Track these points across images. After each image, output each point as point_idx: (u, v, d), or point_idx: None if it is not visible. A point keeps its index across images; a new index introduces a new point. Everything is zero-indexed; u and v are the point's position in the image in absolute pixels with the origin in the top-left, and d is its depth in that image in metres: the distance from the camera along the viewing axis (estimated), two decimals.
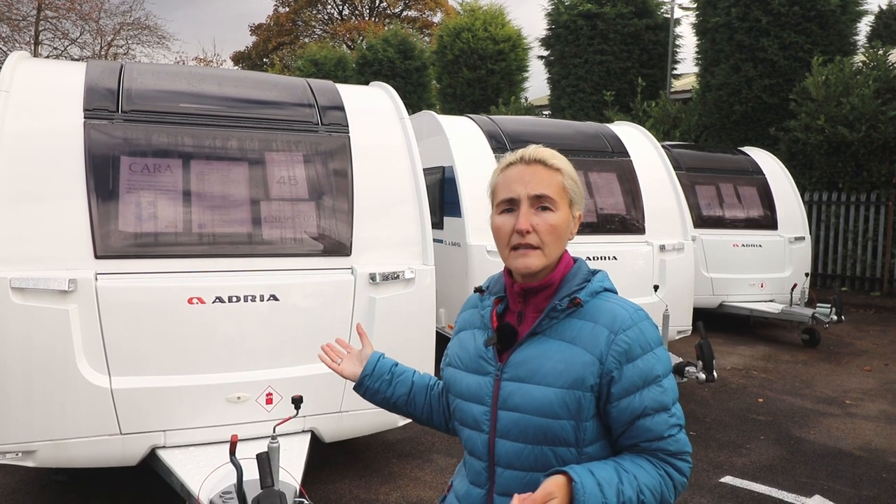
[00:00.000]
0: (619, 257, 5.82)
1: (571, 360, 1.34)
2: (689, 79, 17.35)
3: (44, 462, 3.18)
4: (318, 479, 4.00)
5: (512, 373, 1.39)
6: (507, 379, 1.40)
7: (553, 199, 1.38)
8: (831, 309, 7.53)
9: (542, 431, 1.34)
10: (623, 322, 1.35)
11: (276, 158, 3.80)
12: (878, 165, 10.84)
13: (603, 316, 1.37)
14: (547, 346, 1.38)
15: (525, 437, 1.36)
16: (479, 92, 18.45)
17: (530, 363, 1.38)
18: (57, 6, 24.01)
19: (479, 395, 1.43)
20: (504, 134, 6.15)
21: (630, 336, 1.34)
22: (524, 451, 1.37)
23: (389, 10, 36.60)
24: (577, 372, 1.33)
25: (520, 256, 1.38)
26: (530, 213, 1.38)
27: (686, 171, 8.50)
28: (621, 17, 15.35)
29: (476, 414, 1.43)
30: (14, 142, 3.28)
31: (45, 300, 3.09)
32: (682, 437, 1.36)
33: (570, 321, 1.39)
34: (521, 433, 1.37)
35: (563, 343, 1.37)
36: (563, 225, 1.40)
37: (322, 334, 3.63)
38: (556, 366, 1.35)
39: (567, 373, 1.34)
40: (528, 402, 1.36)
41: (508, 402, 1.38)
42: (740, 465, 4.42)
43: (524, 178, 1.39)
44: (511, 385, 1.39)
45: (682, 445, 1.35)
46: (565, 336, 1.38)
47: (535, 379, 1.36)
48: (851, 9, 12.52)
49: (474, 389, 1.44)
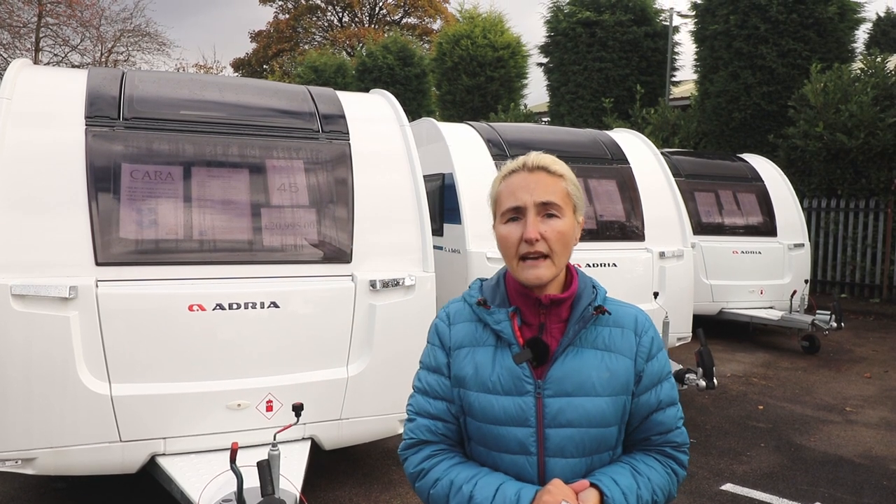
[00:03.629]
0: (618, 264, 5.82)
1: (614, 367, 1.38)
2: (687, 86, 17.41)
3: (43, 469, 3.17)
4: (318, 487, 3.99)
5: (555, 388, 1.35)
6: (550, 395, 1.35)
7: (559, 205, 1.37)
8: (831, 316, 7.52)
9: (597, 442, 1.36)
10: (643, 324, 1.45)
11: (276, 166, 3.80)
12: (877, 172, 10.86)
13: (626, 320, 1.43)
14: (585, 356, 1.37)
15: (583, 450, 1.36)
16: (479, 99, 18.49)
17: (574, 376, 1.35)
18: (58, 13, 24.05)
19: (521, 416, 1.35)
20: (504, 141, 6.16)
21: (650, 335, 1.44)
22: (578, 466, 1.36)
23: (389, 17, 36.72)
24: (621, 377, 1.38)
25: (530, 268, 1.35)
26: (538, 221, 1.36)
27: (685, 177, 8.51)
28: (620, 24, 15.40)
29: (520, 437, 1.35)
30: (15, 149, 3.28)
31: (45, 307, 3.09)
32: (685, 429, 1.48)
33: (595, 329, 1.40)
34: (577, 448, 1.35)
35: (599, 351, 1.38)
36: (570, 231, 1.39)
37: (322, 341, 3.64)
38: (601, 375, 1.36)
39: (613, 380, 1.37)
40: (582, 415, 1.34)
41: (559, 419, 1.34)
42: (741, 472, 4.41)
43: (529, 186, 1.37)
44: (559, 401, 1.34)
45: (685, 437, 1.47)
46: (598, 344, 1.39)
47: (584, 391, 1.35)
48: (849, 16, 12.56)
49: (513, 412, 1.35)
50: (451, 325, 1.47)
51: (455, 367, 1.43)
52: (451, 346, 1.45)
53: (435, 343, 1.48)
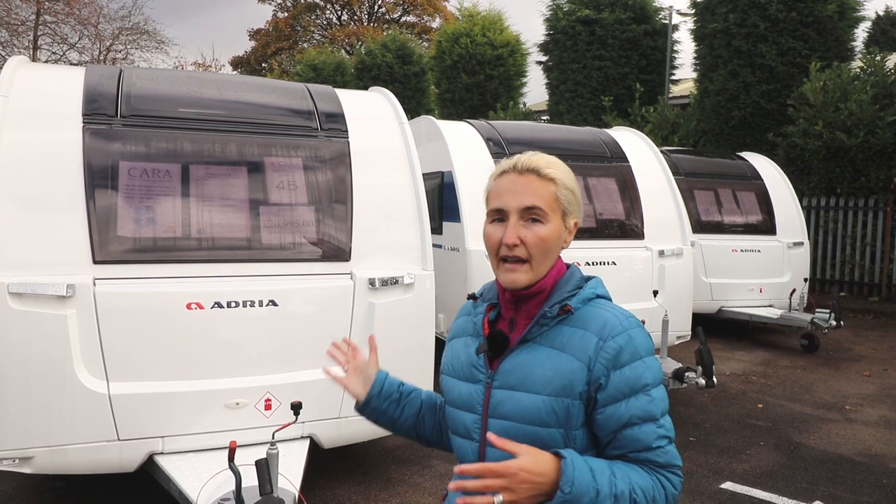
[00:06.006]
0: (617, 262, 5.82)
1: (560, 368, 1.32)
2: (687, 84, 17.39)
3: (41, 469, 3.16)
4: (316, 486, 3.99)
5: (502, 380, 1.38)
6: (497, 387, 1.38)
7: (544, 210, 1.35)
8: (830, 314, 7.53)
9: (530, 440, 1.30)
10: (613, 328, 1.32)
11: (275, 164, 3.79)
12: (876, 171, 10.86)
13: (593, 323, 1.35)
14: (537, 354, 1.36)
15: None
16: (478, 97, 18.47)
17: (520, 371, 1.36)
18: (56, 11, 24.02)
19: (470, 403, 1.42)
20: (503, 139, 6.15)
21: (618, 342, 1.31)
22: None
23: (388, 16, 36.68)
24: (565, 379, 1.31)
25: (507, 271, 1.36)
26: (518, 226, 1.35)
27: (685, 176, 8.51)
28: (619, 22, 15.38)
29: (467, 422, 1.42)
30: (13, 146, 3.27)
31: (43, 305, 3.08)
32: (672, 449, 1.32)
33: (560, 328, 1.37)
34: None
35: (553, 350, 1.35)
36: (552, 237, 1.36)
37: (321, 340, 3.62)
38: (545, 373, 1.33)
39: (555, 380, 1.32)
40: (517, 409, 1.34)
41: (498, 410, 1.37)
42: (740, 470, 4.41)
43: (515, 189, 1.35)
44: (501, 393, 1.37)
45: (672, 458, 1.32)
46: (555, 343, 1.36)
47: (525, 386, 1.34)
48: (849, 15, 12.56)
49: (466, 397, 1.43)
50: (457, 319, 1.59)
51: (444, 353, 1.57)
52: (451, 336, 1.58)
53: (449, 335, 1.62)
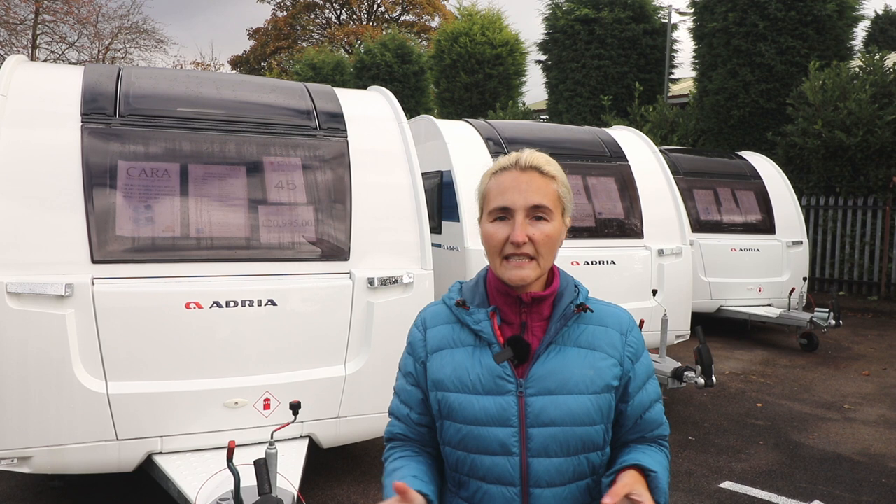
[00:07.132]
0: (617, 262, 5.81)
1: (597, 365, 1.37)
2: (686, 83, 17.39)
3: (39, 468, 3.15)
4: (315, 485, 3.98)
5: (538, 387, 1.34)
6: (532, 394, 1.33)
7: (549, 208, 1.35)
8: (829, 313, 7.53)
9: (582, 441, 1.34)
10: (627, 323, 1.44)
11: (274, 163, 3.78)
12: (875, 170, 10.86)
13: (609, 319, 1.42)
14: (567, 355, 1.36)
15: (567, 450, 1.34)
16: (477, 96, 18.47)
17: (558, 374, 1.34)
18: (55, 10, 23.99)
19: (501, 416, 1.33)
20: (502, 138, 6.15)
21: (636, 336, 1.44)
22: (564, 465, 1.34)
23: (387, 15, 36.66)
24: (604, 376, 1.37)
25: (514, 268, 1.33)
26: (526, 224, 1.33)
27: (684, 175, 8.51)
28: (619, 21, 15.38)
29: (501, 437, 1.33)
30: (11, 146, 3.26)
31: (41, 305, 3.08)
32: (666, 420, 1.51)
33: (577, 327, 1.40)
34: (562, 447, 1.34)
35: (582, 349, 1.37)
36: (557, 234, 1.37)
37: (320, 339, 3.62)
38: (585, 373, 1.35)
39: (597, 378, 1.36)
40: (566, 413, 1.33)
41: (541, 418, 1.33)
42: (739, 470, 4.41)
43: (520, 186, 1.34)
44: (541, 400, 1.33)
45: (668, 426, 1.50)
46: (581, 342, 1.38)
47: (567, 389, 1.34)
48: (848, 14, 12.56)
49: (493, 412, 1.33)
50: (426, 330, 1.46)
51: (432, 370, 1.41)
52: (427, 351, 1.44)
53: (407, 349, 1.49)
